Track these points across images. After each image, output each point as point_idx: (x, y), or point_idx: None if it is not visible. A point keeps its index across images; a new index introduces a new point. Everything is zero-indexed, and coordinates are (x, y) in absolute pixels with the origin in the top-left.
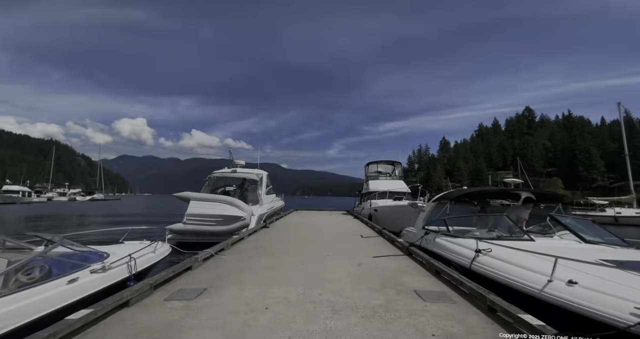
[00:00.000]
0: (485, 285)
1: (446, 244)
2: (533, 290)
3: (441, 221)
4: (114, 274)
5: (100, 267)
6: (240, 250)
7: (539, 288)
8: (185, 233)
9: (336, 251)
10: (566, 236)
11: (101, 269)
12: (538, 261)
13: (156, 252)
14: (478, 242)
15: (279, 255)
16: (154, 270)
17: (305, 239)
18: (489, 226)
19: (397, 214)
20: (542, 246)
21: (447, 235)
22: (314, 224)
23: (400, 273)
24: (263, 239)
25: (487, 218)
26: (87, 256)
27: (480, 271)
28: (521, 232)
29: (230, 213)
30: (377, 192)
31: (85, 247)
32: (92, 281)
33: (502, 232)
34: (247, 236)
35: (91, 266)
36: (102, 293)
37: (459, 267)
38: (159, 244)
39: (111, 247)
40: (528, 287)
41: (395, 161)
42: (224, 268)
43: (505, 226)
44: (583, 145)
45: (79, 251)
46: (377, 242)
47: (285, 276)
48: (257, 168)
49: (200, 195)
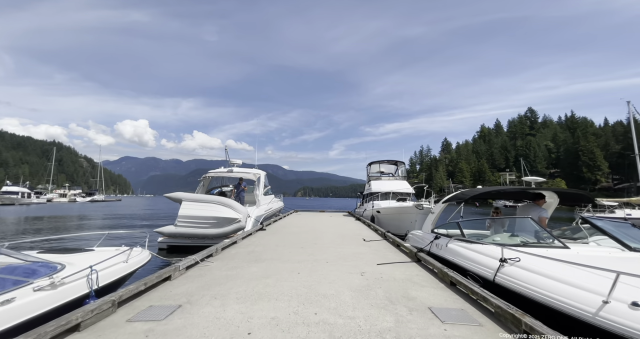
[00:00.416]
0: (513, 301)
1: (462, 251)
2: (584, 313)
3: (454, 224)
4: (68, 291)
5: (48, 283)
6: (230, 256)
7: (592, 310)
8: (176, 236)
9: (336, 256)
10: (603, 242)
11: (49, 286)
12: (582, 275)
13: (129, 261)
14: (504, 250)
15: (272, 262)
16: (127, 283)
17: (304, 243)
18: (510, 229)
19: (402, 215)
20: (580, 255)
21: (462, 240)
22: (314, 226)
23: (409, 284)
24: (257, 243)
25: (503, 221)
26: (34, 270)
27: (508, 284)
28: (551, 237)
29: (225, 215)
30: (380, 193)
31: (33, 258)
32: (35, 301)
33: (528, 238)
34: (241, 239)
35: (35, 282)
36: (49, 316)
37: (478, 278)
38: (136, 250)
39: (73, 256)
40: (576, 309)
41: (398, 160)
42: (208, 278)
43: (531, 230)
44: (587, 146)
45: (23, 262)
46: (381, 247)
47: (277, 288)
48: (255, 168)
49: (193, 196)
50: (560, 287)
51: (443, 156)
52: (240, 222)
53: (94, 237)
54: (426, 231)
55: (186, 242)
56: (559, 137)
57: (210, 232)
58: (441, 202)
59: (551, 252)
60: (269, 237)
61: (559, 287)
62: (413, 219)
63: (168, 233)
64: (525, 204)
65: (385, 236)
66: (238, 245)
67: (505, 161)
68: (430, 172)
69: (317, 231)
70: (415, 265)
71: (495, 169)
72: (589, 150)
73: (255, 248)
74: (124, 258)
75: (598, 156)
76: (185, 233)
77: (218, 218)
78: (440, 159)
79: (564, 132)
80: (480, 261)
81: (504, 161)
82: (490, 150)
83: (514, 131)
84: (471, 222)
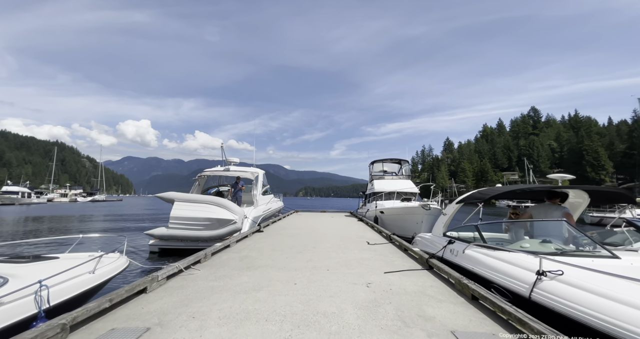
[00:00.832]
0: (553, 323)
1: (484, 259)
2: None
3: (471, 227)
4: (6, 313)
5: None
6: (220, 262)
7: None
8: (168, 238)
9: (338, 263)
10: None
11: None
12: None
13: (98, 272)
14: (542, 261)
15: (266, 269)
16: (96, 297)
17: (303, 247)
18: (539, 234)
19: (407, 216)
20: (634, 266)
21: (483, 247)
22: (314, 227)
23: (423, 298)
24: (252, 247)
25: (527, 224)
26: None
27: (549, 303)
28: (593, 243)
29: (219, 216)
30: (384, 193)
31: None
32: None
33: (564, 245)
34: (235, 242)
35: None
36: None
37: (505, 291)
38: (111, 257)
39: (27, 266)
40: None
41: (402, 159)
42: (190, 290)
43: (567, 235)
44: (591, 145)
45: None
46: (387, 251)
47: (268, 304)
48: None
49: (186, 196)
50: (621, 309)
51: (445, 156)
52: (235, 224)
53: (69, 241)
54: (437, 234)
55: (179, 245)
56: (563, 137)
57: (204, 235)
58: (455, 203)
59: (599, 263)
60: (266, 240)
61: (618, 309)
62: (419, 220)
63: (159, 235)
64: (541, 204)
65: (390, 238)
66: (231, 249)
67: (508, 160)
68: (432, 172)
69: (317, 233)
70: (428, 273)
71: (498, 168)
72: (593, 149)
73: (249, 253)
74: (91, 267)
75: (602, 156)
76: (178, 236)
77: (212, 219)
78: (442, 159)
79: (568, 131)
80: (509, 273)
81: (507, 161)
82: (493, 150)
83: (517, 130)
84: (487, 226)
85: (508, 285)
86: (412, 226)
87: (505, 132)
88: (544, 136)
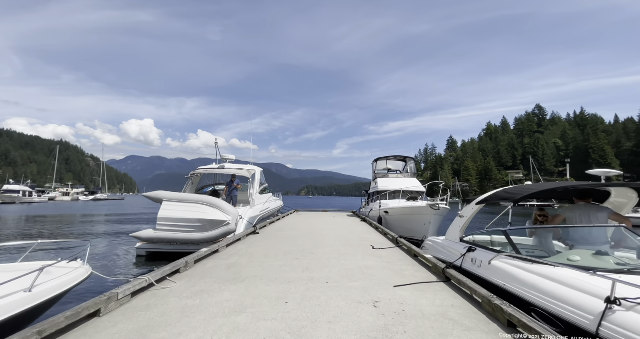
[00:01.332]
0: None
1: (518, 274)
2: None
3: (497, 232)
4: None
5: None
6: (203, 272)
7: None
8: (156, 241)
9: (340, 273)
10: None
11: None
12: None
13: (36, 290)
14: (615, 285)
15: (255, 282)
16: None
17: (300, 252)
18: (583, 242)
19: (413, 217)
20: None
21: (515, 258)
22: (315, 228)
23: (446, 323)
24: (244, 252)
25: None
26: None
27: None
28: None
29: (211, 217)
30: (388, 192)
31: None
32: None
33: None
34: (225, 247)
35: None
36: None
37: (553, 318)
38: (66, 268)
39: None
40: None
41: (407, 156)
42: (155, 313)
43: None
44: (597, 143)
45: None
46: (395, 258)
47: (249, 334)
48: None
49: (175, 195)
50: None
51: (448, 154)
52: (229, 226)
53: (30, 246)
54: (452, 239)
55: (168, 248)
56: (568, 135)
57: (195, 237)
58: (475, 204)
59: None
60: (260, 243)
61: None
62: (427, 221)
63: (146, 238)
64: (576, 206)
65: (397, 242)
66: (219, 255)
67: (513, 159)
68: (436, 170)
69: (317, 235)
70: (446, 287)
71: (503, 167)
72: (599, 147)
73: (239, 259)
74: (28, 283)
75: (609, 154)
76: (166, 238)
77: (203, 221)
78: (445, 158)
79: (574, 129)
80: (560, 296)
81: (511, 159)
82: (497, 148)
83: (522, 128)
84: (520, 231)
85: (559, 312)
86: (419, 228)
87: (510, 131)
88: (549, 134)
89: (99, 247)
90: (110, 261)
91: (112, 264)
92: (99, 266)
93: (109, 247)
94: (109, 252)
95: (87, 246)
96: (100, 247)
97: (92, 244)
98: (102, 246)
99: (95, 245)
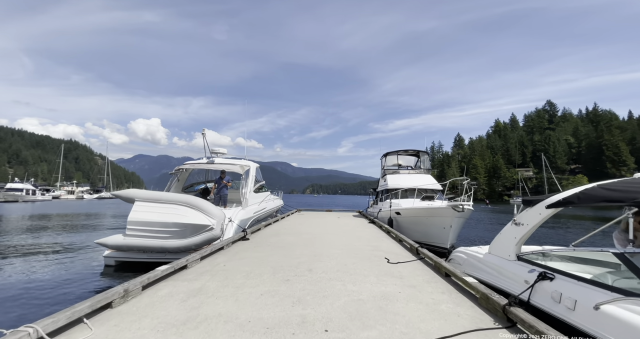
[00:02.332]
0: None
1: None
2: None
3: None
4: None
5: None
6: (148, 305)
7: None
8: (125, 249)
9: (345, 309)
10: None
11: None
12: None
13: None
14: None
15: (215, 328)
16: None
17: (293, 269)
18: None
19: (432, 220)
20: None
21: None
22: (316, 233)
23: None
24: (219, 270)
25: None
26: None
27: None
28: None
29: (191, 221)
30: (400, 190)
31: None
32: None
33: None
34: (199, 259)
35: None
36: None
37: None
38: None
39: None
40: None
41: (420, 150)
42: None
43: None
44: (611, 140)
45: None
46: (420, 278)
47: None
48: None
49: (150, 194)
50: None
51: (455, 152)
52: (212, 230)
53: None
54: (503, 254)
55: (141, 257)
56: (581, 131)
57: (172, 245)
58: (544, 206)
59: None
60: (246, 253)
61: None
62: (447, 224)
63: (113, 245)
64: None
65: (417, 252)
66: (185, 273)
67: (522, 156)
68: (443, 168)
69: (319, 241)
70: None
71: (512, 165)
72: (613, 144)
73: (208, 282)
74: None
75: (623, 151)
76: (136, 246)
77: (182, 225)
78: (452, 155)
79: (586, 126)
80: None
81: (521, 157)
82: (506, 145)
83: (532, 125)
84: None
85: None
86: (438, 232)
87: (519, 128)
88: (560, 130)
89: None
90: (71, 271)
91: (73, 277)
92: (55, 277)
93: (79, 254)
94: (75, 259)
95: None
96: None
97: (64, 246)
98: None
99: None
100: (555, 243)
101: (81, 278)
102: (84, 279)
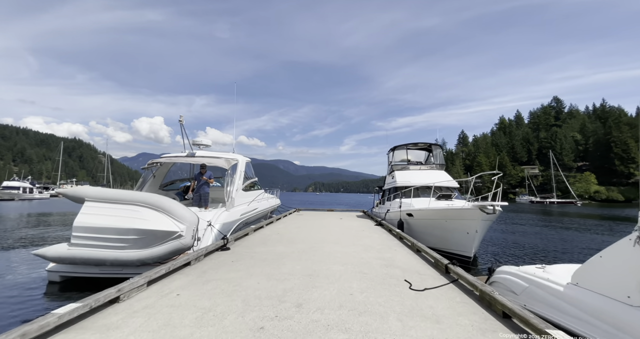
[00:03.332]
0: None
1: None
2: None
3: None
4: None
5: None
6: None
7: None
8: (70, 262)
9: None
10: None
11: None
12: None
13: None
14: None
15: None
16: None
17: (277, 300)
18: None
19: (452, 223)
20: None
21: None
22: (315, 239)
23: None
24: (166, 303)
25: None
26: None
27: None
28: None
29: (153, 226)
30: (412, 188)
31: None
32: None
33: None
34: (146, 285)
35: None
36: None
37: None
38: None
39: None
40: None
41: (432, 143)
42: None
43: None
44: (620, 137)
45: None
46: (466, 320)
47: None
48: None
49: (103, 192)
50: None
51: (459, 150)
52: (182, 238)
53: None
54: (615, 294)
55: (93, 272)
56: (588, 128)
57: (129, 256)
58: None
59: None
60: (217, 273)
61: None
62: (472, 228)
63: (53, 257)
64: None
65: (447, 270)
66: (113, 310)
67: (528, 153)
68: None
69: (316, 252)
70: None
71: (517, 162)
72: (622, 141)
73: (143, 326)
74: None
75: (632, 148)
76: (83, 258)
77: (141, 231)
78: (456, 153)
79: (594, 122)
80: None
81: (527, 154)
82: (511, 142)
83: (537, 122)
84: None
85: None
86: (460, 238)
87: (524, 125)
88: (567, 127)
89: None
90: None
91: (5, 293)
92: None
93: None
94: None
95: None
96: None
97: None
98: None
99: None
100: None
101: (15, 296)
102: (18, 296)
